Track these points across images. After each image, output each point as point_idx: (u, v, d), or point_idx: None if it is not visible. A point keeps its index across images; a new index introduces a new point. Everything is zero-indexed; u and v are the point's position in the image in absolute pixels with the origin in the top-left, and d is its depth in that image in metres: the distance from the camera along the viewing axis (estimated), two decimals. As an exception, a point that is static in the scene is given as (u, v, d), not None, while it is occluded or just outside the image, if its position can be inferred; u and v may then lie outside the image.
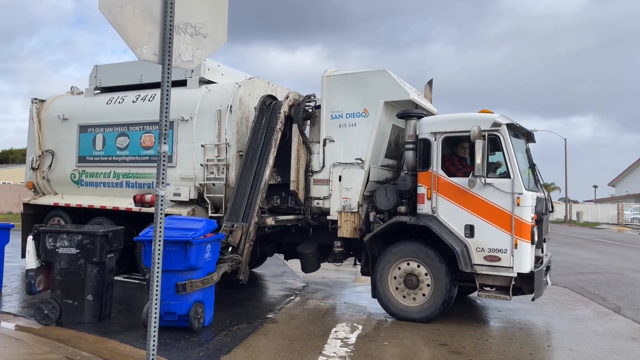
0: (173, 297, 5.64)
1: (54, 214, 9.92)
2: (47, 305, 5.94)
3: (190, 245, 5.61)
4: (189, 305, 5.72)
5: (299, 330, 6.12)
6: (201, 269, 5.86)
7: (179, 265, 5.65)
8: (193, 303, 5.75)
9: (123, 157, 9.12)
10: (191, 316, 5.72)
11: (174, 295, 5.64)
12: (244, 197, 7.39)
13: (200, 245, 5.79)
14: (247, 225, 7.11)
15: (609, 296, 8.77)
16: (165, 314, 5.65)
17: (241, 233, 7.03)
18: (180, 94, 8.30)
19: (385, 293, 6.75)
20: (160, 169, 3.72)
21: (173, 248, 5.61)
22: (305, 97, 7.72)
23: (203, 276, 5.89)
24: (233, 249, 6.95)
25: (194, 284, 5.71)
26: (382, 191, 6.97)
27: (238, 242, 6.98)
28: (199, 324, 5.86)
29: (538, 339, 6.20)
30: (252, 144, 7.73)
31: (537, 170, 7.23)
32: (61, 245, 6.02)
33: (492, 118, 6.50)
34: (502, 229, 6.27)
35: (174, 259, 5.62)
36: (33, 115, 10.19)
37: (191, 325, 5.74)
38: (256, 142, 7.70)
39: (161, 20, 3.62)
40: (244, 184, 7.51)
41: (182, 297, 5.67)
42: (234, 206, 7.43)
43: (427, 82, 8.62)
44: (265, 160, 7.46)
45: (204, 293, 5.95)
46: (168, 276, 5.49)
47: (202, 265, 5.87)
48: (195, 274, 5.79)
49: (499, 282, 6.39)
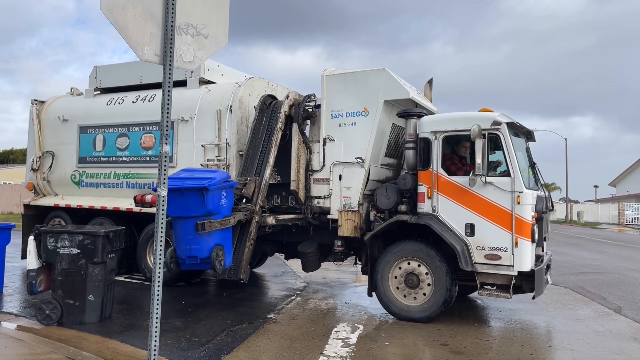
0: (195, 241, 6.01)
1: (54, 214, 9.93)
2: (48, 305, 5.95)
3: (206, 192, 5.97)
4: (209, 248, 6.09)
5: (300, 330, 6.13)
6: (218, 214, 6.23)
7: (198, 211, 6.01)
8: (213, 246, 6.12)
9: (123, 157, 9.13)
10: (213, 258, 6.09)
11: (195, 239, 6.00)
12: None
13: (215, 191, 6.12)
14: (260, 180, 7.33)
15: (609, 296, 8.78)
16: (188, 258, 6.10)
17: (254, 186, 7.29)
18: (180, 94, 8.30)
19: (385, 292, 6.75)
20: (161, 169, 3.72)
21: (191, 195, 5.99)
22: (305, 96, 7.73)
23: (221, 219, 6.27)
24: (247, 200, 7.21)
25: (213, 224, 6.11)
26: (382, 190, 6.97)
27: (252, 194, 7.21)
28: (220, 266, 6.21)
29: (539, 339, 6.21)
30: (253, 144, 7.74)
31: (537, 169, 7.24)
32: (62, 245, 6.03)
33: (492, 117, 6.51)
34: (502, 228, 6.27)
35: (192, 205, 6.01)
36: (33, 117, 10.20)
37: (213, 267, 6.09)
38: (256, 142, 7.71)
39: (162, 21, 3.62)
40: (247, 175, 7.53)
41: (203, 240, 6.03)
42: None
43: (427, 81, 8.62)
44: (265, 160, 7.47)
45: (222, 237, 6.33)
46: (188, 222, 6.00)
47: (219, 210, 6.24)
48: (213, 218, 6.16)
49: (499, 280, 6.40)
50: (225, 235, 6.43)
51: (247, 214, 7.00)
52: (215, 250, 6.15)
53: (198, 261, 6.16)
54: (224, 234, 6.41)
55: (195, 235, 6.03)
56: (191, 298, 7.78)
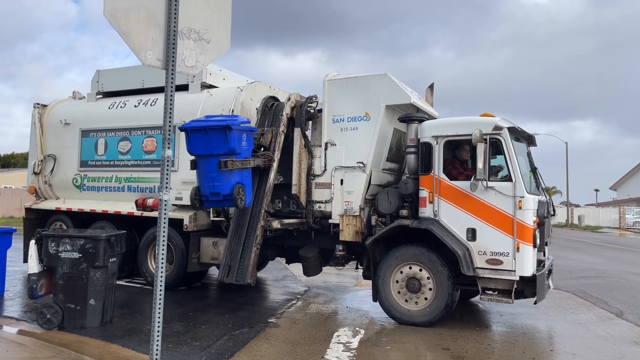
0: (217, 178, 6.34)
1: (55, 218, 9.93)
2: (50, 309, 5.95)
3: (229, 130, 6.27)
4: (231, 185, 6.42)
5: (301, 334, 6.12)
6: (239, 154, 6.50)
7: (220, 149, 6.35)
8: (235, 184, 6.42)
9: (125, 161, 9.14)
10: (235, 195, 6.42)
11: (218, 176, 6.33)
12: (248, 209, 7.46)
13: (238, 132, 6.43)
14: (276, 131, 7.45)
15: (611, 300, 8.76)
16: (211, 194, 6.46)
17: (271, 136, 7.47)
18: (182, 98, 8.31)
19: (387, 297, 6.75)
20: (164, 173, 3.73)
21: (214, 134, 6.30)
22: (307, 98, 7.74)
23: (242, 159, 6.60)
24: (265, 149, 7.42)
25: (235, 162, 6.45)
26: (384, 195, 6.97)
27: (269, 143, 7.44)
28: (241, 202, 6.52)
29: (541, 343, 6.19)
30: None
31: (539, 173, 7.24)
32: (64, 249, 6.03)
33: (493, 122, 6.52)
34: (504, 233, 6.27)
35: (216, 143, 6.33)
36: (35, 120, 10.22)
37: (235, 203, 6.43)
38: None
39: (165, 26, 3.64)
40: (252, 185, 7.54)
41: (225, 178, 6.36)
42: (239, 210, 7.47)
43: (429, 86, 8.64)
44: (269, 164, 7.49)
45: (243, 176, 6.64)
46: (212, 160, 6.38)
47: (240, 150, 6.53)
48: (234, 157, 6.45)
49: (501, 285, 6.39)
50: (245, 175, 6.76)
51: (265, 160, 7.26)
52: (237, 187, 6.47)
53: (220, 197, 6.48)
54: (245, 174, 6.75)
55: (218, 173, 6.38)
56: (192, 302, 7.78)
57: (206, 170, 6.51)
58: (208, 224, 8.44)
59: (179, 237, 8.32)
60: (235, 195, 6.47)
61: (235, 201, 6.48)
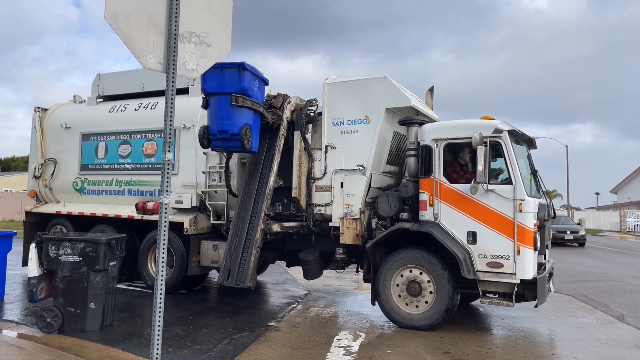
0: (227, 116, 6.49)
1: (56, 222, 9.93)
2: (50, 313, 5.93)
3: (243, 70, 6.46)
4: (239, 126, 6.58)
5: (302, 338, 6.10)
6: (251, 96, 6.64)
7: (234, 87, 6.55)
8: (243, 125, 6.56)
9: (125, 165, 9.14)
10: (242, 135, 6.55)
11: (228, 114, 6.48)
12: (249, 203, 7.46)
13: (251, 73, 6.60)
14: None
15: (612, 304, 8.74)
16: (219, 132, 6.61)
17: (282, 100, 7.68)
18: (182, 102, 8.29)
19: (387, 300, 6.73)
20: (164, 177, 3.73)
21: (229, 72, 6.48)
22: (307, 102, 7.75)
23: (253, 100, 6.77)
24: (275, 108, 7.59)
25: (246, 100, 6.61)
26: (384, 198, 6.97)
27: (279, 106, 7.64)
28: (248, 143, 6.66)
29: (542, 347, 6.18)
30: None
31: (539, 176, 7.24)
32: (64, 253, 6.02)
33: (493, 124, 6.52)
34: (504, 236, 6.27)
35: (229, 82, 6.54)
36: (36, 124, 10.23)
37: (242, 143, 6.56)
38: (260, 148, 7.71)
39: (166, 30, 3.64)
40: (249, 190, 7.55)
41: (235, 116, 6.52)
42: (239, 213, 7.46)
43: (429, 89, 8.65)
44: (269, 167, 7.49)
45: (252, 119, 6.76)
46: (224, 98, 6.55)
47: (251, 92, 6.66)
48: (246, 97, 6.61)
49: (501, 288, 6.38)
50: (255, 119, 6.91)
51: (275, 118, 7.44)
52: (244, 128, 6.62)
53: (228, 136, 6.63)
54: (254, 117, 6.89)
55: (229, 110, 6.52)
56: (193, 305, 7.76)
57: (218, 108, 6.68)
58: (208, 228, 8.43)
59: (179, 240, 8.31)
60: (243, 135, 6.61)
61: (243, 141, 6.61)
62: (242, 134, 6.63)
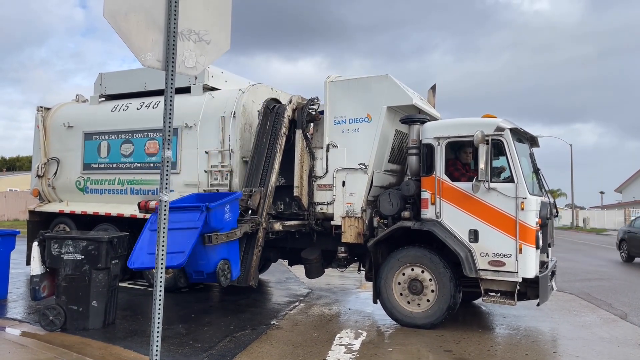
0: (200, 256, 6.05)
1: (59, 221, 9.96)
2: (52, 311, 5.96)
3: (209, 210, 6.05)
4: (215, 263, 6.14)
5: (303, 336, 6.10)
6: (222, 229, 6.29)
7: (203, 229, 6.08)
8: (219, 260, 6.17)
9: (128, 164, 9.16)
10: (218, 273, 6.14)
11: (201, 253, 6.04)
12: None
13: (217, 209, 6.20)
14: (265, 190, 7.36)
15: (615, 302, 8.70)
16: (195, 272, 6.23)
17: (260, 197, 7.33)
18: (184, 100, 8.34)
19: (389, 299, 6.72)
20: (163, 174, 3.73)
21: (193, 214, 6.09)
22: (308, 100, 7.74)
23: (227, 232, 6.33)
24: (253, 212, 7.28)
25: (219, 236, 6.21)
26: (385, 196, 6.96)
27: (257, 205, 7.28)
28: (225, 280, 6.27)
29: (544, 345, 6.15)
30: (258, 149, 7.74)
31: (542, 174, 7.21)
32: (66, 251, 6.05)
33: (495, 122, 6.50)
34: (506, 234, 6.24)
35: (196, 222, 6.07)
36: (38, 123, 10.27)
37: (219, 281, 6.16)
38: (261, 147, 7.71)
39: (165, 27, 3.64)
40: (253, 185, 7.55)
41: (209, 256, 6.10)
42: None
43: (430, 87, 8.63)
44: (271, 166, 7.49)
45: (228, 250, 6.37)
46: None
47: (222, 225, 6.29)
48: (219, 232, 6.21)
49: (503, 287, 6.36)
50: (231, 247, 6.49)
51: (253, 225, 7.07)
52: (221, 264, 6.20)
53: (204, 276, 6.26)
54: (231, 246, 6.46)
55: (201, 250, 6.05)
56: (194, 304, 7.78)
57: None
58: (210, 226, 8.43)
59: (182, 239, 8.31)
60: (219, 274, 6.14)
61: (219, 279, 6.15)
62: (218, 272, 6.18)
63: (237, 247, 6.65)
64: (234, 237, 6.50)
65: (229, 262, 6.37)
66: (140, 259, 5.90)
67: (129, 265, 5.94)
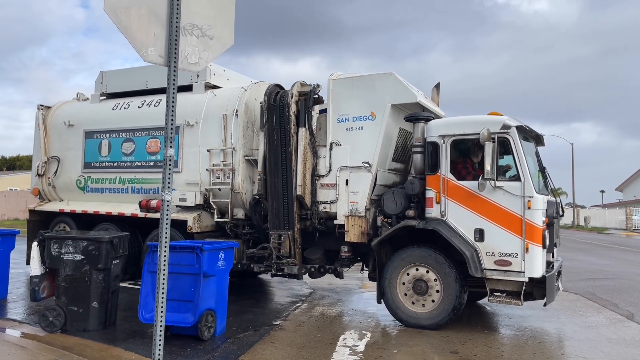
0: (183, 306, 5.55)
1: (59, 220, 9.88)
2: (52, 312, 5.88)
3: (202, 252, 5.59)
4: (200, 312, 5.59)
5: (307, 337, 6.02)
6: (214, 276, 5.83)
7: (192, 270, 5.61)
8: (203, 311, 5.65)
9: (129, 162, 9.08)
10: (201, 325, 5.61)
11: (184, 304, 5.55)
12: (280, 205, 7.51)
13: (211, 252, 5.75)
14: (292, 233, 7.43)
15: (621, 302, 8.62)
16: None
17: (289, 241, 7.43)
18: (186, 98, 8.26)
19: (393, 299, 6.64)
20: (166, 173, 3.65)
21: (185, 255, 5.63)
22: (311, 90, 7.58)
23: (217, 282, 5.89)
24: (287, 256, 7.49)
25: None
26: (389, 195, 6.88)
27: (289, 250, 7.47)
28: (209, 333, 5.74)
29: (551, 346, 6.07)
30: (271, 147, 7.61)
31: (547, 173, 7.13)
32: (66, 251, 5.97)
33: (501, 120, 6.41)
34: (512, 233, 6.16)
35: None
36: (39, 122, 10.18)
37: (200, 334, 5.63)
38: (274, 145, 7.59)
39: (167, 22, 3.56)
40: (276, 189, 7.55)
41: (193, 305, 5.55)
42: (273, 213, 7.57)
43: (435, 85, 8.55)
44: (289, 167, 7.44)
45: (215, 301, 5.88)
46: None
47: (214, 272, 5.83)
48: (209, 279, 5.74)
49: (510, 287, 6.28)
50: (219, 299, 5.99)
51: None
52: (204, 315, 5.67)
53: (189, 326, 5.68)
54: (218, 297, 5.96)
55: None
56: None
57: None
58: (212, 226, 8.36)
59: (183, 238, 8.24)
60: (202, 326, 5.62)
61: (201, 332, 5.61)
62: (201, 324, 5.61)
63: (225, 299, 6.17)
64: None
65: (215, 313, 5.88)
66: (149, 306, 5.58)
67: (140, 319, 5.60)
